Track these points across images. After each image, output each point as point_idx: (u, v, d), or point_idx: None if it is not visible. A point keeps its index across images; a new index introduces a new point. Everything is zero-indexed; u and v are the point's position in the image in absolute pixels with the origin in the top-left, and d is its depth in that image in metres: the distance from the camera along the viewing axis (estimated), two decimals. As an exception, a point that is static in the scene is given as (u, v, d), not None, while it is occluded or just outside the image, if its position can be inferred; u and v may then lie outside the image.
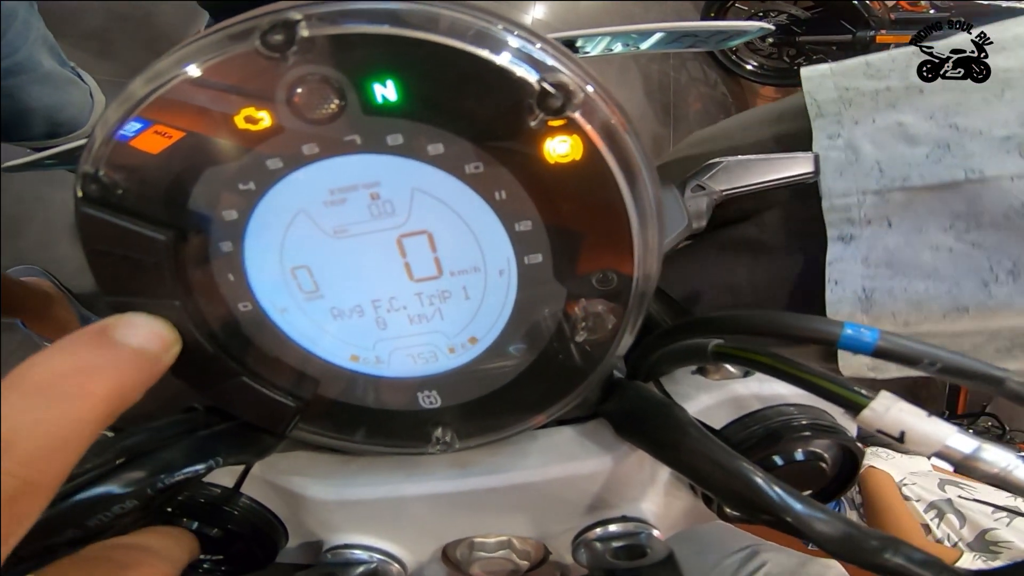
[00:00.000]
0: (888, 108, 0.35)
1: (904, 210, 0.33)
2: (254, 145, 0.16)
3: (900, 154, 0.34)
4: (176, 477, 0.19)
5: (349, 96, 0.15)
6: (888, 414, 0.16)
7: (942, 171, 0.32)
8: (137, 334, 0.15)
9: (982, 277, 0.31)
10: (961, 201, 0.32)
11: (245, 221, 0.17)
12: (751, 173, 0.28)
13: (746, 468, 0.18)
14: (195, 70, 0.15)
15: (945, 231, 0.32)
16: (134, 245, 0.16)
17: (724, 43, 0.34)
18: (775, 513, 0.17)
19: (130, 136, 0.15)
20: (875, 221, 0.33)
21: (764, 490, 0.17)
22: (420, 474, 0.24)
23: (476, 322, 0.19)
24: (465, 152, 0.16)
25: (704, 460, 0.19)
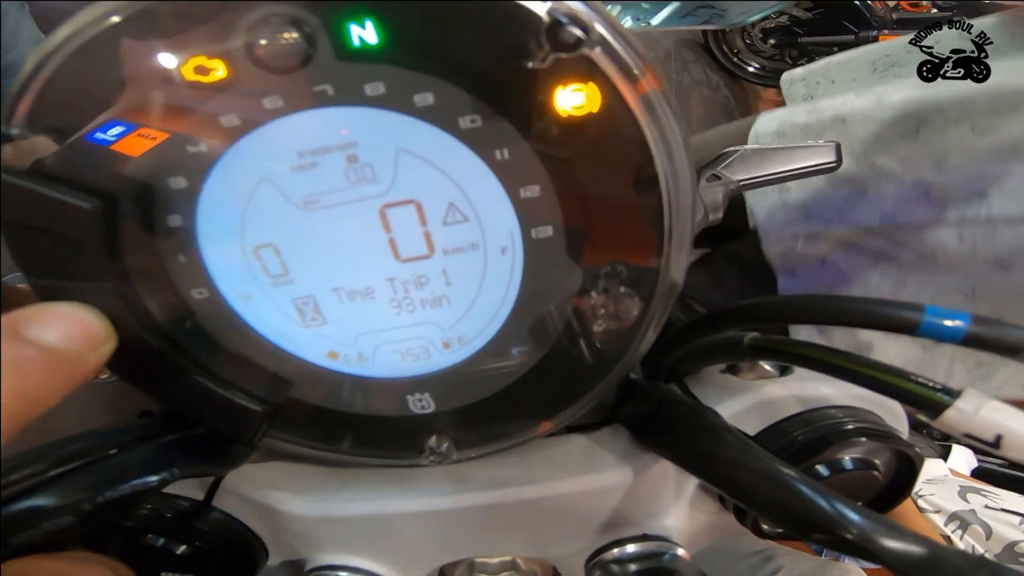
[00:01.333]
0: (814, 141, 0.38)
1: (833, 249, 0.36)
2: (205, 100, 0.13)
3: (824, 198, 0.37)
4: (121, 490, 0.16)
5: (320, 39, 0.13)
6: (979, 415, 0.13)
7: (860, 216, 0.35)
8: (54, 329, 0.12)
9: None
10: (882, 242, 0.35)
11: (197, 190, 0.14)
12: (769, 163, 0.26)
13: (796, 479, 0.15)
14: (131, 9, 0.12)
15: (872, 268, 0.35)
16: (54, 216, 0.13)
17: (741, 18, 0.31)
18: (834, 531, 0.14)
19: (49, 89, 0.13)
20: (810, 259, 0.36)
21: (820, 505, 0.15)
22: (412, 489, 0.21)
23: (475, 311, 0.17)
24: (459, 103, 0.13)
25: (746, 471, 0.16)
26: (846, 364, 0.15)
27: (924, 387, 0.14)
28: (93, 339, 0.13)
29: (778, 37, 1.72)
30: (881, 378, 0.14)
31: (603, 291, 0.15)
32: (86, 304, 0.14)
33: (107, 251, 0.14)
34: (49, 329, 0.12)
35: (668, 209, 0.14)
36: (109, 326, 0.14)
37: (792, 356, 0.17)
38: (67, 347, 0.13)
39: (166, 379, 0.16)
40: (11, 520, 0.14)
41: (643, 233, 0.15)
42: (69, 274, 0.13)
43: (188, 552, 0.21)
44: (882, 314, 0.14)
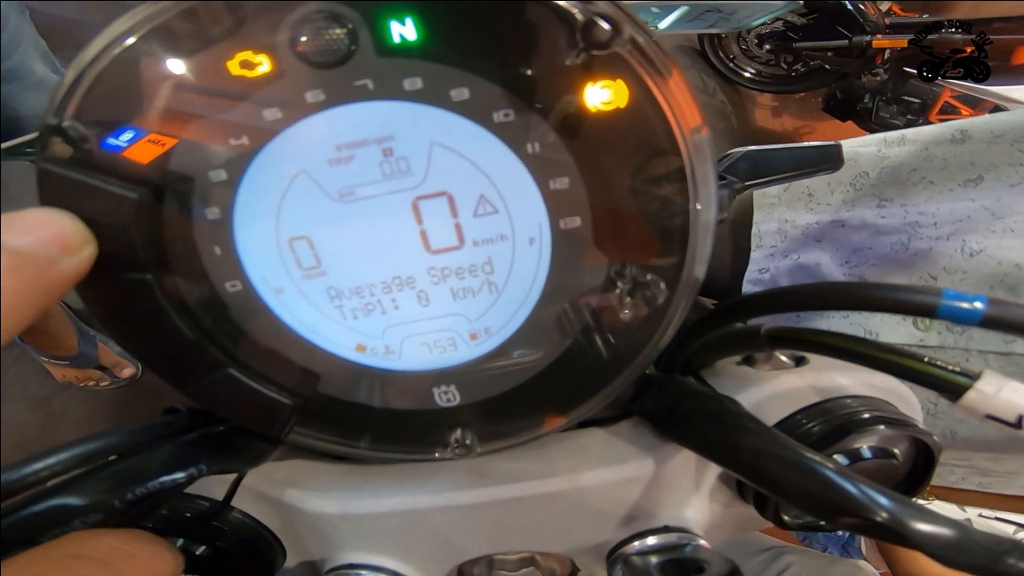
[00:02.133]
0: (814, 243, 0.40)
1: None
2: (250, 94, 0.14)
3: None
4: (149, 487, 0.16)
5: (361, 35, 0.13)
6: (1001, 395, 0.13)
7: (847, 326, 0.37)
8: (23, 233, 0.12)
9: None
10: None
11: (236, 183, 0.15)
12: (774, 164, 0.27)
13: (822, 464, 0.15)
14: (182, 5, 0.13)
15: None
16: (100, 205, 0.13)
17: (748, 20, 0.32)
18: (864, 515, 0.15)
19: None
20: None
21: (848, 488, 0.15)
22: (434, 484, 0.21)
23: (502, 302, 0.17)
24: (494, 97, 0.14)
25: (770, 459, 0.16)
26: (867, 350, 0.16)
27: (945, 370, 0.14)
28: (65, 243, 0.12)
29: (773, 42, 1.75)
30: (902, 363, 0.15)
31: (629, 282, 0.15)
32: (62, 210, 0.13)
33: (148, 242, 0.14)
34: (21, 234, 0.12)
35: (694, 200, 0.15)
36: (86, 231, 0.13)
37: (811, 344, 0.17)
38: (40, 252, 0.12)
39: (200, 372, 0.16)
40: (39, 518, 0.14)
41: (669, 224, 0.15)
42: (111, 266, 0.14)
43: (207, 553, 0.21)
44: (901, 298, 0.14)
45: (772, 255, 0.42)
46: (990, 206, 0.35)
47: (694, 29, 0.33)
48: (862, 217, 0.39)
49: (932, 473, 0.21)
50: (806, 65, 1.75)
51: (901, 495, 0.15)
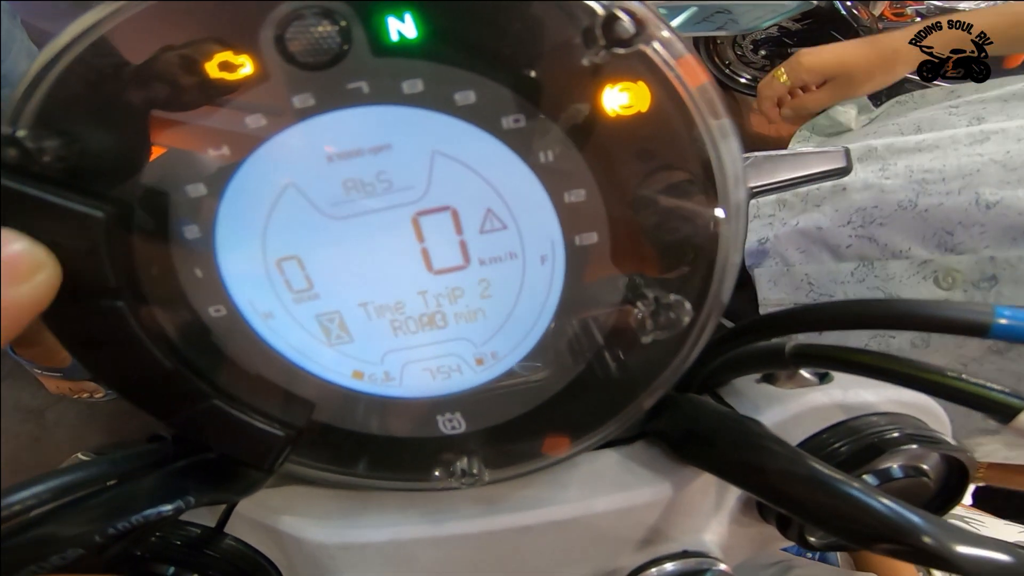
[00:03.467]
0: (813, 209, 0.38)
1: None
2: (230, 99, 0.12)
3: (828, 269, 0.36)
4: (133, 521, 0.15)
5: (355, 33, 0.12)
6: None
7: (864, 291, 0.35)
8: None
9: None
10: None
11: (217, 198, 0.13)
12: (781, 169, 0.26)
13: (857, 488, 0.14)
14: (146, 4, 0.11)
15: (867, 341, 0.35)
16: (61, 226, 0.12)
17: (758, 22, 0.31)
18: (904, 540, 0.14)
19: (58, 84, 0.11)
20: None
21: (886, 513, 0.14)
22: (438, 512, 0.19)
23: (511, 325, 0.16)
24: (502, 101, 0.13)
25: (801, 483, 0.15)
26: (906, 370, 0.15)
27: (994, 391, 0.13)
28: (15, 269, 0.11)
29: (768, 48, 1.75)
30: (948, 383, 0.14)
31: (652, 303, 0.14)
32: (11, 230, 0.11)
33: (119, 265, 0.12)
34: None
35: (723, 214, 0.14)
36: (41, 253, 0.12)
37: (842, 363, 0.16)
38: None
39: (181, 404, 0.15)
40: (15, 552, 0.13)
41: (694, 240, 0.14)
42: (76, 290, 0.12)
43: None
44: (951, 316, 0.13)
45: (771, 223, 0.40)
46: (1000, 159, 0.34)
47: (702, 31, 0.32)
48: (865, 180, 0.38)
49: (965, 489, 0.20)
50: None
51: (943, 520, 0.14)
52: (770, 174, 0.26)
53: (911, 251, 0.34)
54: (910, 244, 0.34)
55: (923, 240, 0.34)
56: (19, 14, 0.68)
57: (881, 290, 0.35)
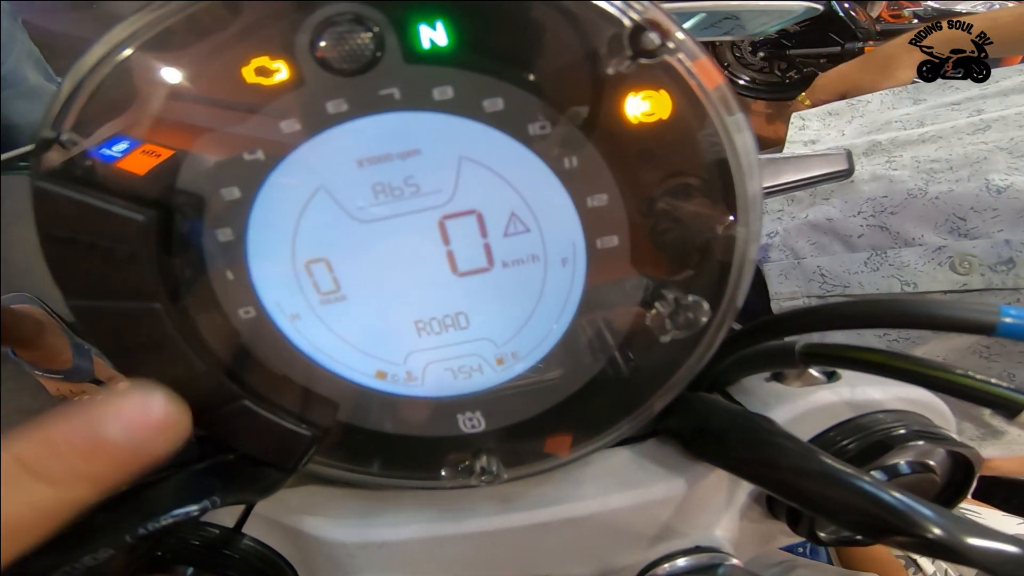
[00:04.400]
0: (822, 202, 0.38)
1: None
2: (265, 103, 0.13)
3: (841, 260, 0.36)
4: (162, 522, 0.15)
5: (388, 40, 0.12)
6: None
7: (879, 280, 0.34)
8: (120, 427, 0.12)
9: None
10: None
11: (250, 202, 0.13)
12: (783, 172, 0.27)
13: (870, 483, 0.15)
14: (194, 6, 0.11)
15: (880, 336, 0.35)
16: (103, 229, 0.12)
17: (766, 27, 0.32)
18: (916, 533, 0.14)
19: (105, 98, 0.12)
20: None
21: (898, 507, 0.14)
22: (456, 510, 0.20)
23: (532, 325, 0.16)
24: (530, 108, 0.13)
25: (812, 478, 0.16)
26: (914, 368, 0.15)
27: (1000, 388, 0.14)
28: (163, 427, 0.12)
29: (767, 50, 1.77)
30: (957, 381, 0.14)
31: (671, 304, 0.15)
32: (155, 384, 0.12)
33: (157, 268, 0.13)
34: (117, 428, 0.12)
35: (742, 219, 0.14)
36: (180, 405, 0.13)
37: (852, 362, 0.17)
38: (136, 440, 0.12)
39: (212, 404, 0.15)
40: (47, 553, 0.13)
41: (713, 244, 0.15)
42: (115, 294, 0.12)
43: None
44: (958, 316, 0.14)
45: (779, 218, 0.41)
46: (1006, 146, 0.34)
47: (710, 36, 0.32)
48: (872, 171, 0.38)
49: (971, 485, 0.20)
50: (800, 72, 1.77)
51: (955, 513, 0.14)
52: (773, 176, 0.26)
53: (924, 238, 0.34)
54: (923, 231, 0.34)
55: (935, 227, 0.34)
56: (20, 15, 0.68)
57: (896, 278, 0.34)
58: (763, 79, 1.86)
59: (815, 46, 1.67)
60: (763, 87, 1.88)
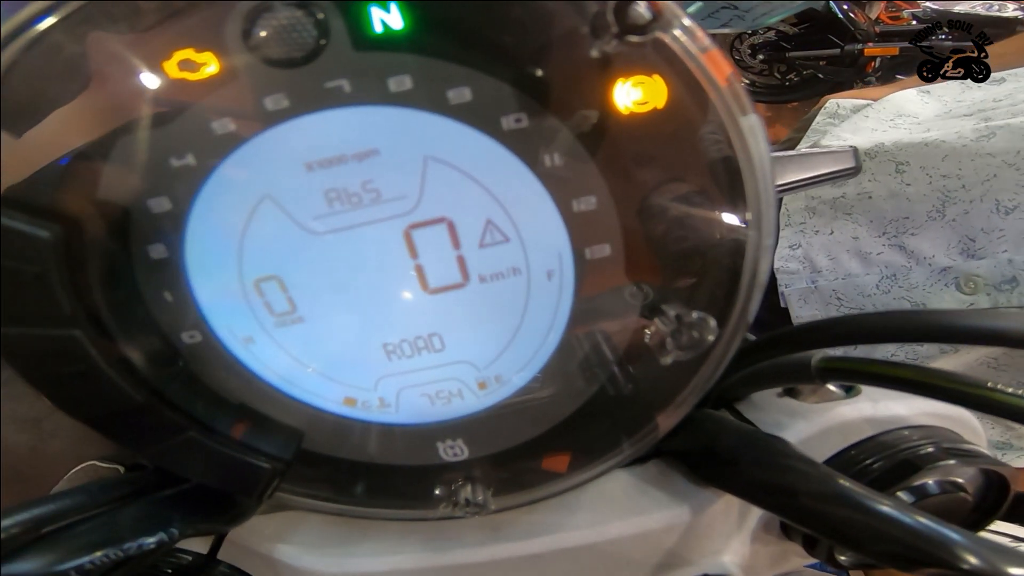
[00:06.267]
0: (844, 217, 0.39)
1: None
2: (193, 101, 0.11)
3: (854, 283, 0.38)
4: (113, 556, 0.13)
5: (334, 25, 0.10)
6: None
7: (891, 302, 0.37)
8: None
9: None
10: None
11: (184, 213, 0.12)
12: (790, 171, 0.25)
13: (897, 510, 0.13)
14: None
15: (893, 353, 0.37)
16: (7, 249, 0.10)
17: (764, 19, 0.30)
18: (953, 564, 0.12)
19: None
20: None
21: (932, 536, 0.13)
22: (441, 540, 0.18)
23: (515, 346, 0.14)
24: (502, 98, 0.11)
25: (835, 505, 0.14)
26: (942, 383, 0.13)
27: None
28: None
29: (766, 52, 1.76)
30: (983, 395, 0.13)
31: (673, 322, 0.13)
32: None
33: (73, 291, 0.11)
34: None
35: (754, 222, 0.12)
36: None
37: (875, 378, 0.15)
38: None
39: (155, 437, 0.13)
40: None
41: (719, 251, 0.13)
42: (30, 320, 0.11)
43: (189, 615, 0.18)
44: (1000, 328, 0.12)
45: (803, 231, 0.42)
46: (1012, 161, 0.35)
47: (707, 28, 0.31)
48: (887, 187, 0.38)
49: (1005, 503, 0.18)
50: (799, 74, 1.76)
51: (991, 541, 0.12)
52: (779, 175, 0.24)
53: (935, 259, 0.36)
54: (935, 251, 0.36)
55: (947, 247, 0.35)
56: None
57: (907, 300, 0.36)
58: (763, 82, 1.85)
59: (814, 48, 1.66)
60: (762, 90, 1.87)
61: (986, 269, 0.34)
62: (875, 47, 1.57)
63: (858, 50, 1.58)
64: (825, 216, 0.41)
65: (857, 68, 1.63)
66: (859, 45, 1.58)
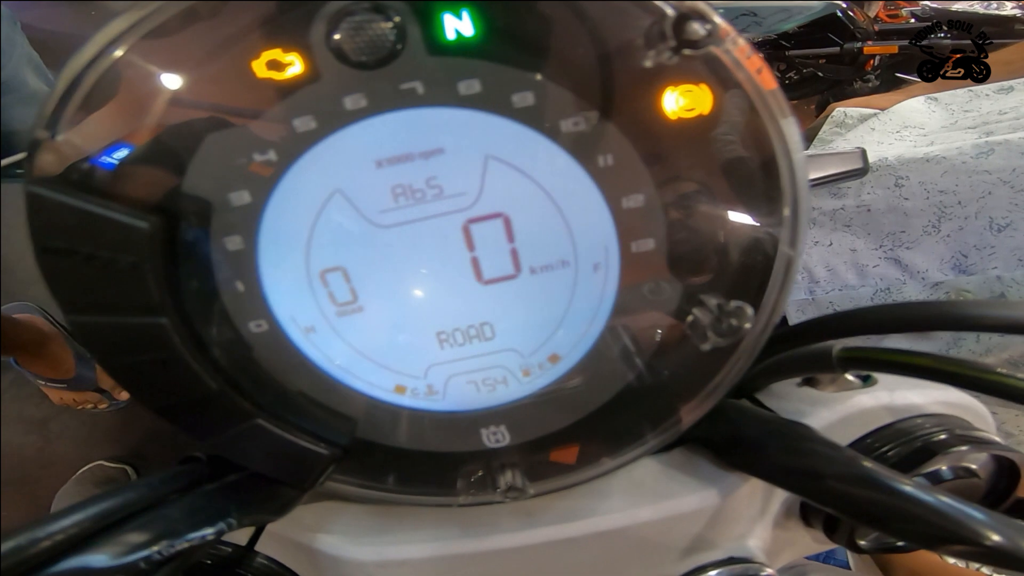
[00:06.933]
0: (843, 229, 0.40)
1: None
2: (278, 100, 0.12)
3: (850, 295, 0.39)
4: (177, 546, 0.14)
5: (410, 30, 0.11)
6: None
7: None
8: None
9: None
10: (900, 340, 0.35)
11: (261, 206, 0.12)
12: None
13: (921, 490, 0.14)
14: (180, 5, 0.11)
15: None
16: (104, 239, 0.11)
17: (782, 25, 0.31)
18: (977, 541, 0.13)
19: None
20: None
21: (955, 514, 0.13)
22: (478, 526, 0.19)
23: (560, 334, 0.15)
24: (563, 103, 0.12)
25: (860, 486, 0.15)
26: (971, 373, 0.14)
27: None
28: None
29: (766, 51, 1.77)
30: (1003, 382, 0.13)
31: (713, 311, 0.14)
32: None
33: (162, 280, 0.12)
34: None
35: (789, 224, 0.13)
36: None
37: (896, 366, 0.16)
38: None
39: (225, 424, 0.14)
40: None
41: (757, 241, 0.14)
42: (118, 308, 0.11)
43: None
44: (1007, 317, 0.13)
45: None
46: (1008, 179, 0.35)
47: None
48: (886, 200, 0.39)
49: (1016, 488, 0.19)
50: (799, 73, 1.78)
51: (1017, 521, 0.13)
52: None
53: (928, 273, 0.37)
54: (928, 266, 0.37)
55: (941, 262, 0.36)
56: (18, 19, 0.67)
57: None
58: (762, 80, 1.86)
59: (813, 47, 1.67)
60: (762, 89, 1.87)
61: (975, 285, 0.35)
62: (874, 45, 1.56)
63: (857, 48, 1.57)
64: (825, 228, 0.42)
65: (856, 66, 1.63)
66: (858, 43, 1.56)
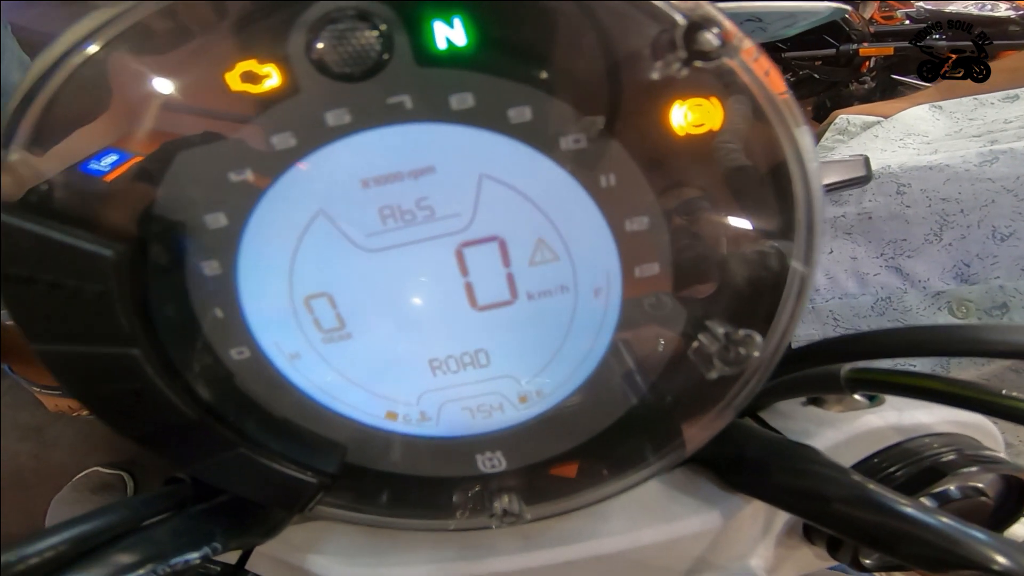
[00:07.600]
0: (844, 236, 0.40)
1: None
2: (254, 115, 0.11)
3: (850, 304, 0.39)
4: (160, 571, 0.13)
5: (397, 40, 0.10)
6: None
7: (885, 323, 0.37)
8: None
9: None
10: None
11: (239, 229, 0.12)
12: None
13: (927, 513, 0.14)
14: (157, 5, 0.10)
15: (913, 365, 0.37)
16: (68, 267, 0.10)
17: (788, 30, 0.30)
18: (983, 565, 0.13)
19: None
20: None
21: (962, 538, 0.13)
22: (474, 548, 0.18)
23: (558, 361, 0.14)
24: (563, 119, 0.11)
25: (866, 510, 0.15)
26: (972, 394, 0.14)
27: None
28: None
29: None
30: (1010, 405, 0.13)
31: (722, 336, 0.13)
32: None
33: (132, 309, 0.11)
34: None
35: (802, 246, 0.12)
36: None
37: (904, 388, 0.15)
38: None
39: (205, 452, 0.13)
40: None
41: (767, 265, 0.13)
42: (87, 338, 0.11)
43: (218, 626, 0.18)
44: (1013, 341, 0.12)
45: None
46: (1011, 187, 0.35)
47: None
48: (888, 208, 0.39)
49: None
50: (795, 75, 1.78)
51: (1018, 543, 0.13)
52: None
53: (929, 282, 0.36)
54: (930, 275, 0.36)
55: (943, 271, 0.36)
56: (8, 20, 0.65)
57: (900, 322, 0.37)
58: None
59: (809, 48, 1.67)
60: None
61: (978, 294, 0.35)
62: (870, 47, 1.59)
63: (853, 50, 1.59)
64: (825, 235, 0.42)
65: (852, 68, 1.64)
66: (854, 45, 1.59)
